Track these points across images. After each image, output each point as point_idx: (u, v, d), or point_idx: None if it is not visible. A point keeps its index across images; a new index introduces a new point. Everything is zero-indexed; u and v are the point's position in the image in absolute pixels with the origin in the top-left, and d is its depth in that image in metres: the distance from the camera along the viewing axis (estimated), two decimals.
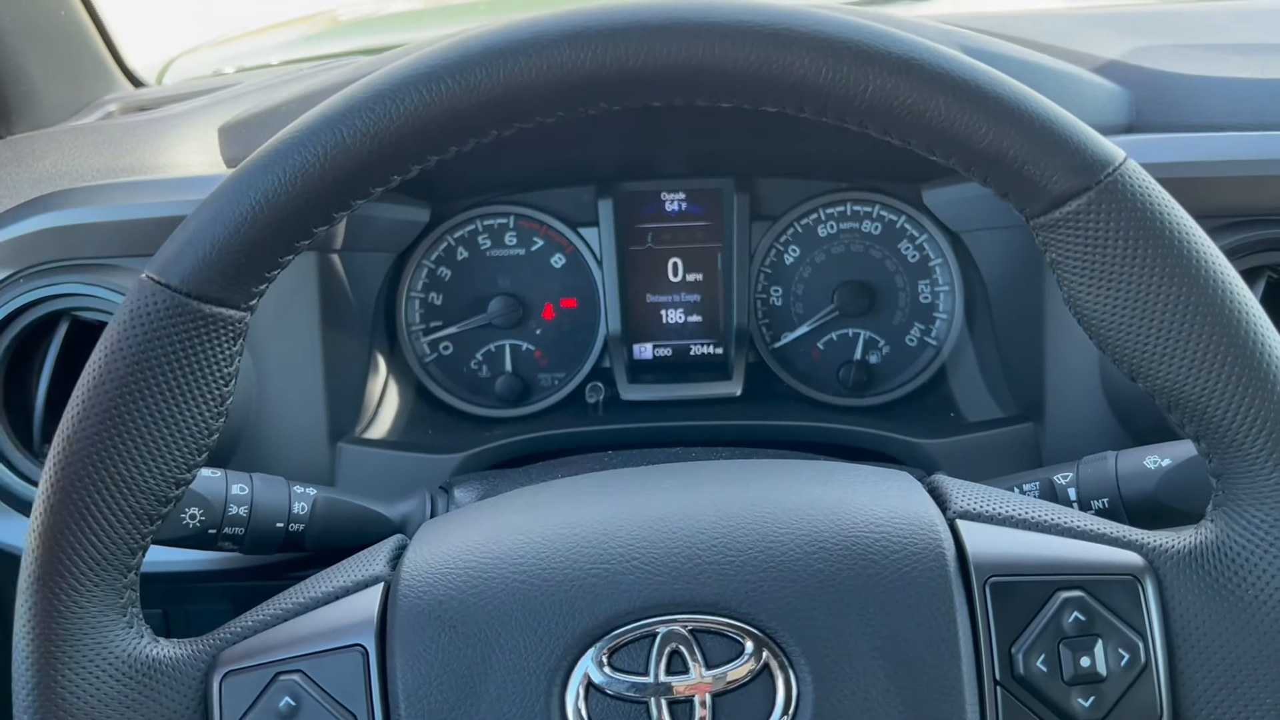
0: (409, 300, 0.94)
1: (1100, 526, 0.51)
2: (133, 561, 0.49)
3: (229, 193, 0.47)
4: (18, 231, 0.75)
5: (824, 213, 0.93)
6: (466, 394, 0.95)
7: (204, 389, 0.48)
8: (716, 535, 0.49)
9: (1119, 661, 0.48)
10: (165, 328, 0.47)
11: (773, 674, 0.47)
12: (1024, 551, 0.49)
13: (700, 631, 0.47)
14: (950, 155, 0.48)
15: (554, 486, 0.56)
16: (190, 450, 0.49)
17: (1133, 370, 0.49)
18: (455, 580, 0.49)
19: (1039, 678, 0.47)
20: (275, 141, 0.48)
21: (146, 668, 0.48)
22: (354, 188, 0.48)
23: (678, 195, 0.93)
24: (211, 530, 0.65)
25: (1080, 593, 0.48)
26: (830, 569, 0.48)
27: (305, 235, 0.48)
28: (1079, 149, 0.47)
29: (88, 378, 0.47)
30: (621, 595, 0.48)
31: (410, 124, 0.47)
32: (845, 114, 0.48)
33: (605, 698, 0.47)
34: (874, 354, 0.94)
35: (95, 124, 0.95)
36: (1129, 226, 0.47)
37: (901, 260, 0.93)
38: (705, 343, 0.95)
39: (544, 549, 0.49)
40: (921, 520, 0.50)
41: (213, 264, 0.47)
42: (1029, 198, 0.48)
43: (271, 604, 0.51)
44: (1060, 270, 0.49)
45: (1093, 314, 0.49)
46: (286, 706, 0.48)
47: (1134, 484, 0.63)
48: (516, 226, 0.94)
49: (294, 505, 0.68)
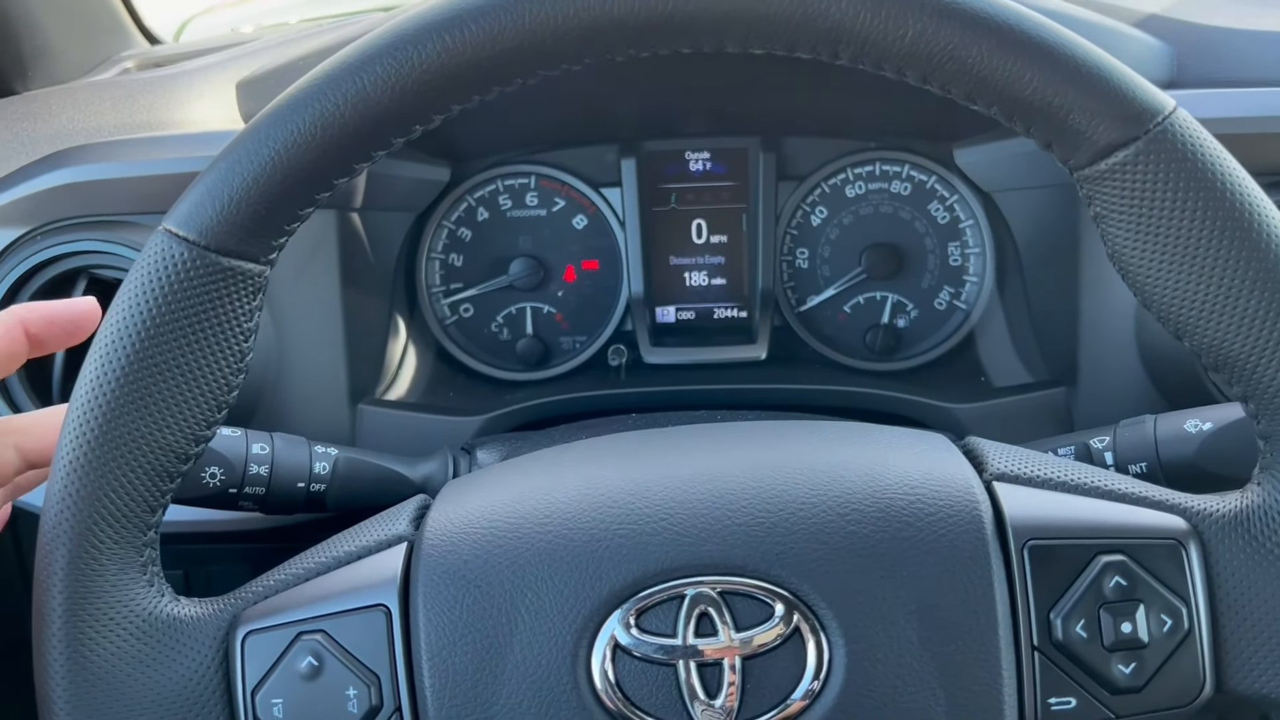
0: (429, 261, 0.93)
1: (1142, 489, 0.49)
2: (152, 519, 0.48)
3: (248, 143, 0.46)
4: (34, 188, 0.74)
5: (852, 173, 0.91)
6: (487, 356, 0.94)
7: (224, 344, 0.47)
8: (746, 496, 0.48)
9: (1161, 627, 0.46)
10: (184, 281, 0.46)
11: (804, 637, 0.46)
12: (1063, 514, 0.48)
13: (729, 593, 0.46)
14: (992, 104, 0.46)
15: (579, 447, 0.55)
16: (210, 407, 0.48)
17: (1179, 328, 0.47)
18: (480, 540, 0.48)
19: (1078, 643, 0.46)
20: (294, 90, 0.46)
21: (167, 626, 0.48)
22: (375, 137, 0.46)
23: (702, 154, 0.92)
24: (232, 490, 0.65)
25: (1122, 557, 0.47)
26: (864, 531, 0.47)
27: (326, 187, 0.47)
28: (1127, 97, 0.45)
29: (106, 332, 0.46)
30: (649, 556, 0.47)
31: (433, 71, 0.45)
32: (882, 60, 0.46)
33: (632, 659, 0.46)
34: (902, 317, 0.92)
35: (112, 80, 0.93)
36: (1178, 178, 0.45)
37: (931, 222, 0.91)
38: (729, 306, 0.94)
39: (570, 509, 0.48)
40: (957, 482, 0.48)
41: (232, 216, 0.46)
42: (1074, 148, 0.46)
43: (293, 563, 0.51)
44: (1105, 224, 0.47)
45: (1138, 269, 0.47)
46: (309, 666, 0.47)
47: (1173, 448, 0.62)
48: (538, 187, 0.92)
49: (315, 465, 0.67)
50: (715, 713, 0.45)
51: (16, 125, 0.82)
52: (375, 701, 0.46)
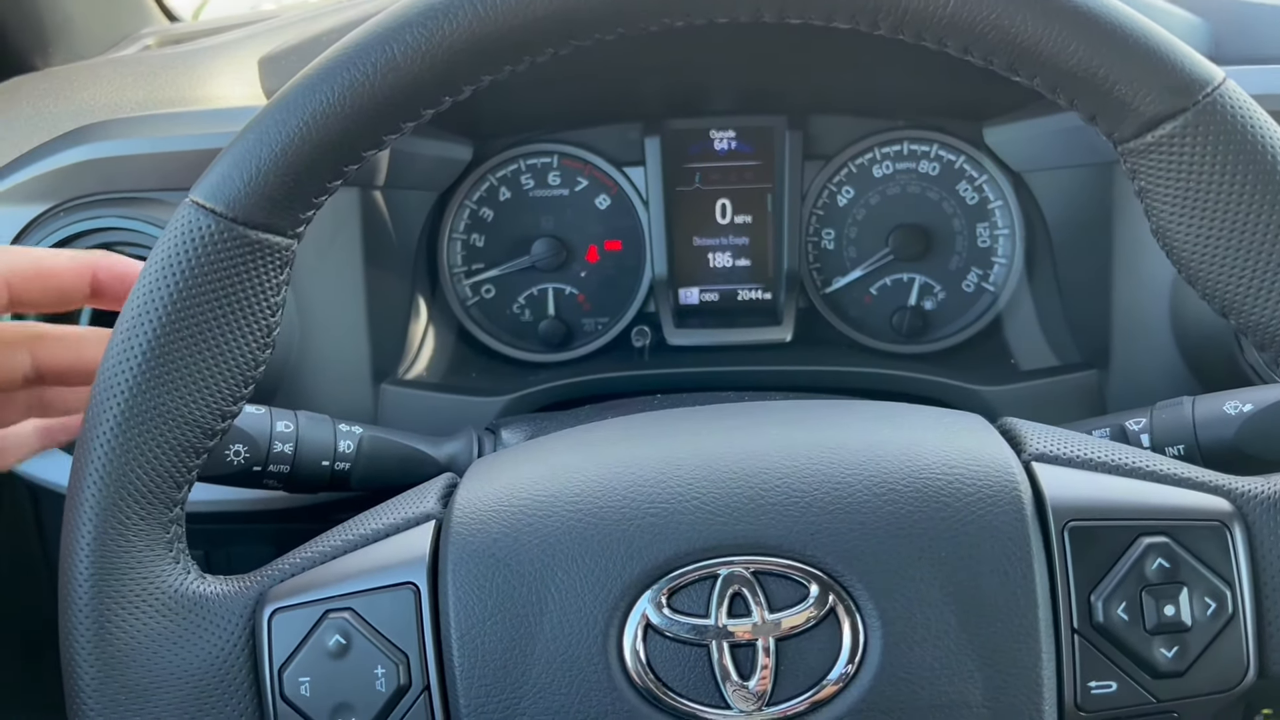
0: (450, 241, 0.92)
1: (1185, 470, 0.48)
2: (178, 495, 0.48)
3: (275, 114, 0.45)
4: (57, 164, 0.74)
5: (880, 152, 0.90)
6: (509, 338, 0.93)
7: (250, 318, 0.47)
8: (781, 475, 0.47)
9: (1205, 610, 0.45)
10: (211, 254, 0.45)
11: (839, 619, 0.45)
12: (1104, 495, 0.47)
13: (763, 574, 0.45)
14: (1034, 75, 0.45)
15: (608, 425, 0.54)
16: (237, 381, 0.47)
17: (1224, 305, 0.46)
18: (509, 518, 0.47)
19: (1119, 626, 0.45)
20: (322, 60, 0.46)
21: (194, 603, 0.47)
22: (405, 108, 0.46)
23: (727, 133, 0.91)
24: (256, 468, 0.64)
25: (1164, 538, 0.46)
26: (901, 511, 0.46)
27: (354, 159, 0.46)
28: (1176, 67, 0.44)
29: (132, 305, 0.46)
30: (681, 535, 0.46)
31: (464, 41, 0.45)
32: (923, 30, 0.45)
33: (664, 639, 0.45)
34: (929, 300, 0.91)
35: (134, 56, 0.93)
36: (1228, 150, 0.44)
37: (960, 202, 0.90)
38: (753, 287, 0.93)
39: (600, 487, 0.48)
40: (996, 462, 0.47)
41: (260, 188, 0.45)
42: (1119, 120, 0.45)
43: (320, 541, 0.50)
44: (1150, 198, 0.46)
45: (1183, 245, 0.46)
46: (336, 645, 0.46)
47: (1212, 430, 0.61)
48: (560, 166, 0.91)
49: (340, 443, 0.67)
50: (748, 695, 0.45)
51: (38, 101, 0.81)
52: (404, 680, 0.46)
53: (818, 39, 0.77)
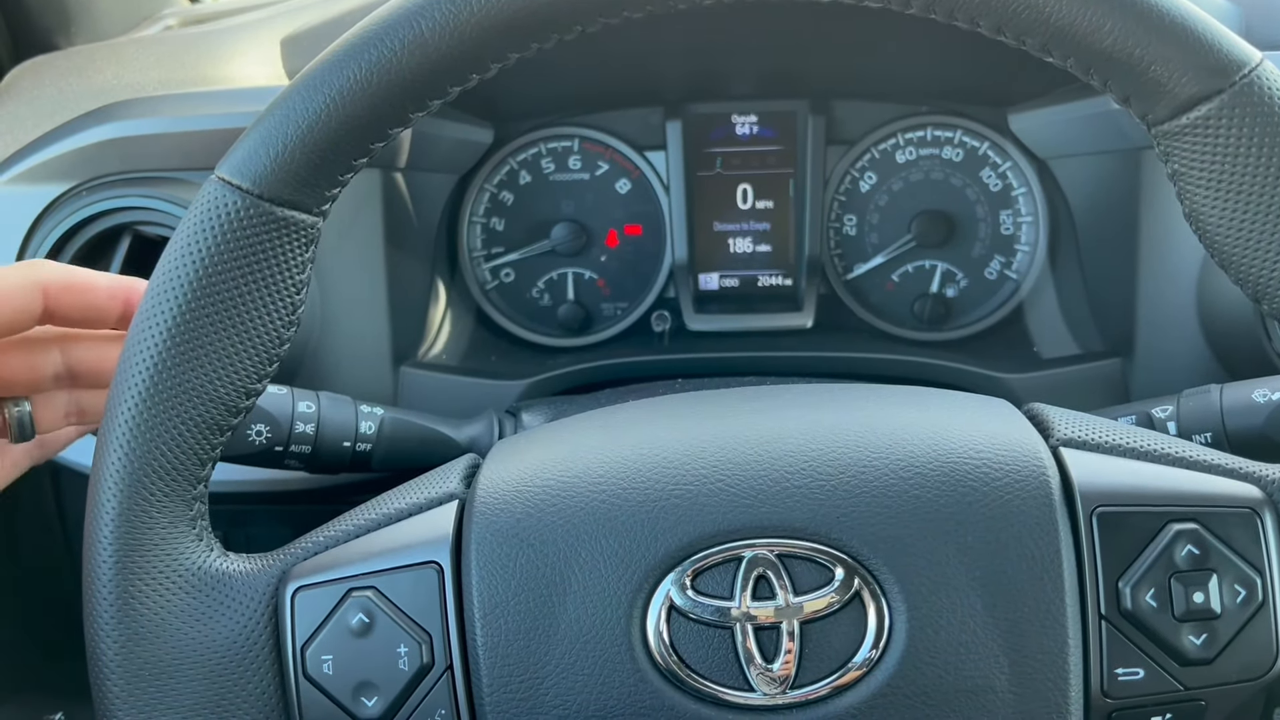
0: (470, 225, 0.92)
1: (1215, 457, 0.48)
2: (202, 473, 0.48)
3: (303, 90, 0.45)
4: (79, 143, 0.74)
5: (903, 138, 0.90)
6: (528, 322, 0.93)
7: (276, 295, 0.47)
8: (806, 458, 0.47)
9: (1235, 598, 0.45)
10: (237, 230, 0.45)
11: (864, 602, 0.44)
12: (1133, 481, 0.47)
13: (788, 556, 0.45)
14: (1068, 55, 0.45)
15: (631, 408, 0.54)
16: (262, 359, 0.47)
17: (1257, 291, 0.46)
18: (532, 498, 0.47)
19: (1147, 613, 0.45)
20: (350, 36, 0.45)
21: (217, 581, 0.47)
22: (432, 85, 0.45)
23: (749, 118, 0.90)
24: (278, 448, 0.64)
25: (1194, 525, 0.45)
26: (927, 495, 0.45)
27: (380, 136, 0.46)
28: (1212, 48, 0.43)
29: (157, 281, 0.46)
30: (706, 517, 0.46)
31: (492, 18, 0.44)
32: (956, 9, 0.44)
33: (688, 621, 0.45)
34: (951, 287, 0.91)
35: (156, 36, 0.93)
36: (1264, 133, 0.43)
37: (983, 189, 0.89)
38: (774, 273, 0.92)
39: (624, 468, 0.47)
40: (1024, 447, 0.47)
41: (286, 164, 0.45)
42: (1153, 102, 0.45)
43: (343, 520, 0.50)
44: (1183, 182, 0.46)
45: (1217, 230, 0.45)
46: (359, 623, 0.46)
47: (1240, 418, 0.60)
48: (581, 149, 0.91)
49: (361, 424, 0.67)
50: (771, 678, 0.44)
51: (61, 81, 0.81)
52: (426, 659, 0.46)
53: (841, 22, 0.76)
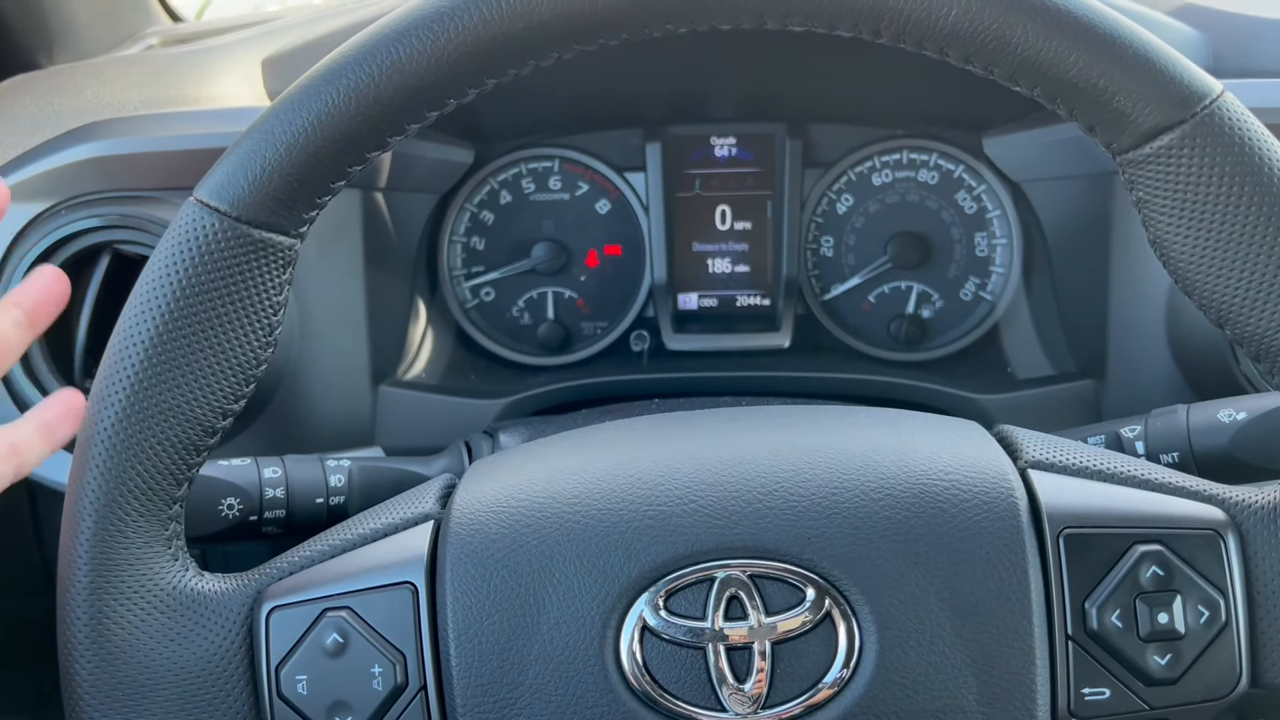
0: (451, 244, 0.92)
1: (1179, 479, 0.49)
2: (178, 493, 0.48)
3: (281, 114, 0.46)
4: (59, 161, 0.74)
5: (879, 160, 0.91)
6: (508, 341, 0.93)
7: (253, 317, 0.47)
8: (778, 479, 0.47)
9: (1198, 619, 0.46)
10: (215, 252, 0.46)
11: (834, 623, 0.45)
12: (1099, 503, 0.47)
13: (760, 577, 0.46)
14: (1035, 85, 0.46)
15: (607, 428, 0.55)
16: (238, 380, 0.48)
17: (1220, 316, 0.47)
18: (507, 519, 0.47)
19: (1113, 633, 0.45)
20: (329, 61, 0.46)
21: (192, 601, 0.47)
22: (409, 109, 0.46)
23: (728, 140, 0.91)
24: (253, 518, 0.62)
25: (1159, 547, 0.46)
26: (897, 517, 0.46)
27: (358, 159, 0.47)
28: (1174, 79, 0.44)
29: (135, 302, 0.46)
30: (679, 538, 0.46)
31: (468, 44, 0.45)
32: (924, 39, 0.45)
33: (661, 642, 0.45)
34: (927, 308, 0.92)
35: (137, 55, 0.93)
36: (1225, 162, 0.44)
37: (958, 211, 0.91)
38: (752, 293, 0.93)
39: (599, 489, 0.48)
40: (993, 469, 0.48)
41: (264, 188, 0.46)
42: (1117, 131, 0.46)
43: (318, 540, 0.50)
44: (1147, 209, 0.47)
45: (1180, 256, 0.46)
46: (334, 643, 0.46)
47: (1206, 438, 0.61)
48: (561, 170, 0.92)
49: (330, 478, 0.65)
50: (743, 698, 0.45)
51: (42, 99, 0.82)
52: (400, 679, 0.46)
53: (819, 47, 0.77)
